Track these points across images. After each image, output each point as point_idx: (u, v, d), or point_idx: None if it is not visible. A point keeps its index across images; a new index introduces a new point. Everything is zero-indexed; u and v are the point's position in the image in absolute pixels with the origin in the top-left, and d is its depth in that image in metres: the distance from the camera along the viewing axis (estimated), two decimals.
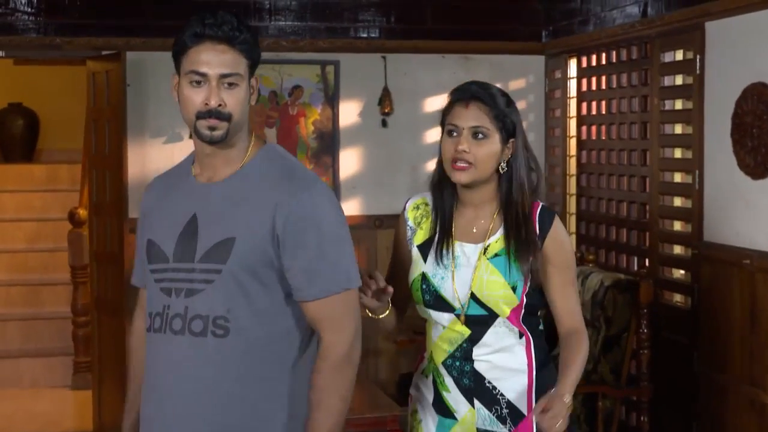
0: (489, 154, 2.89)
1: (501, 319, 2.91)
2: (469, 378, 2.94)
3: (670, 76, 5.67)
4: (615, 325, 5.27)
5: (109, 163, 6.45)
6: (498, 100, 2.92)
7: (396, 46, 6.95)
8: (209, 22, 2.56)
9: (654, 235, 5.78)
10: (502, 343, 2.92)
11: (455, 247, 2.94)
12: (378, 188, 7.00)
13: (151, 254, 2.67)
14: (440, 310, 2.93)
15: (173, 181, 2.75)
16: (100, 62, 6.56)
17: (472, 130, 2.89)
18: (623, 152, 6.15)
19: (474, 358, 2.92)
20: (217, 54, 2.55)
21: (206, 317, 2.56)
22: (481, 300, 2.88)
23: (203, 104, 2.56)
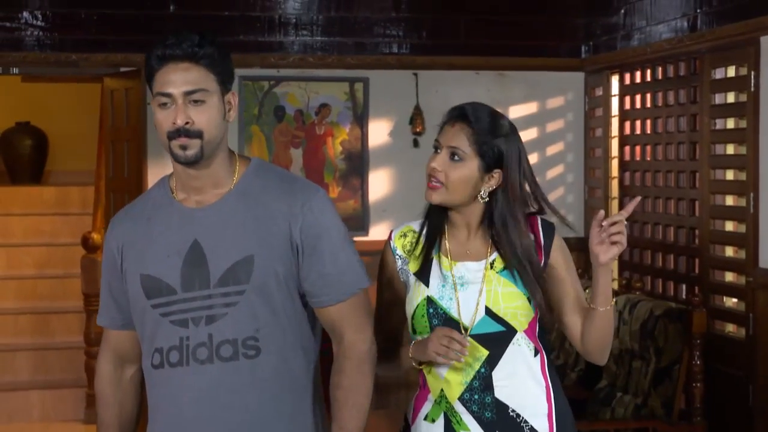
0: (462, 179, 2.85)
1: (519, 334, 2.87)
2: (491, 410, 2.86)
3: (722, 94, 5.64)
4: (666, 356, 5.22)
5: (128, 187, 6.44)
6: (485, 124, 2.86)
7: (428, 62, 6.94)
8: (170, 42, 2.64)
9: (704, 261, 5.74)
10: (522, 362, 2.88)
11: (457, 268, 2.91)
12: (409, 212, 6.72)
13: (150, 289, 2.67)
14: None
15: (149, 211, 2.73)
16: (118, 79, 6.56)
17: (449, 150, 2.86)
18: (670, 174, 6.12)
19: (495, 385, 2.86)
20: (179, 72, 2.61)
21: (234, 341, 2.62)
22: (498, 314, 2.85)
23: (171, 124, 2.61)
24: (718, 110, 5.65)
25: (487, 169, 2.87)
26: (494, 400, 2.86)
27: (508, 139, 2.89)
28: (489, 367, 2.86)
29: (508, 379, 2.88)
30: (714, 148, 5.68)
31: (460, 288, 2.89)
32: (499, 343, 2.87)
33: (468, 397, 2.86)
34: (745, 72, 5.39)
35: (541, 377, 2.92)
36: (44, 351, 8.18)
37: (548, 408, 2.91)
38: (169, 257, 2.66)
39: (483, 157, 2.85)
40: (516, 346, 2.89)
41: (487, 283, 2.88)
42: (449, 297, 2.89)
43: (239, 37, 6.69)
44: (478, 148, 2.85)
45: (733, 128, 5.59)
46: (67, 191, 9.39)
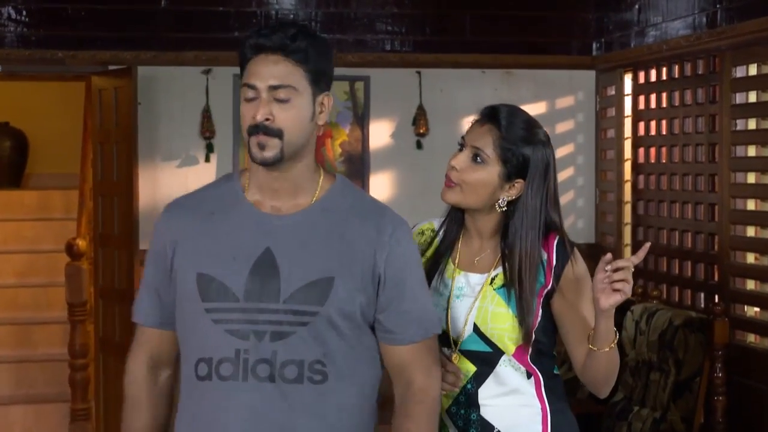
0: (479, 182, 2.84)
1: (506, 357, 2.83)
2: (476, 428, 2.85)
3: (743, 93, 5.62)
4: (686, 368, 5.21)
5: (117, 190, 6.41)
6: (516, 130, 2.83)
7: (432, 60, 6.93)
8: (264, 32, 2.56)
9: (724, 268, 5.72)
10: (510, 384, 2.84)
11: (459, 278, 2.89)
12: (412, 216, 6.69)
13: (208, 291, 2.55)
14: (441, 344, 2.83)
15: (213, 205, 2.63)
16: (107, 78, 6.52)
17: (473, 150, 2.85)
18: (687, 177, 6.11)
19: (480, 404, 2.83)
20: (268, 65, 2.54)
21: (301, 362, 2.54)
22: (485, 333, 2.82)
23: (251, 118, 2.54)
24: (739, 110, 5.63)
25: (509, 177, 2.84)
26: (479, 419, 2.85)
27: (537, 150, 2.85)
28: (475, 384, 2.85)
29: (494, 398, 2.85)
30: (735, 150, 5.66)
31: (455, 299, 2.87)
32: (485, 362, 2.85)
33: (455, 410, 2.86)
34: (767, 70, 5.38)
35: (535, 400, 2.87)
36: (26, 364, 8.13)
37: (542, 429, 2.86)
38: (235, 260, 2.56)
39: (506, 164, 2.82)
40: (503, 367, 2.85)
41: (482, 299, 2.85)
42: (442, 307, 2.87)
43: (234, 33, 6.67)
44: (503, 153, 2.82)
45: (755, 129, 5.57)
46: (49, 195, 9.34)
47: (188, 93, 6.68)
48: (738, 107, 5.65)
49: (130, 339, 6.20)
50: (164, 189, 6.61)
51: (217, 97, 6.69)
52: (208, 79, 6.67)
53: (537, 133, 2.86)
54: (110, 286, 6.51)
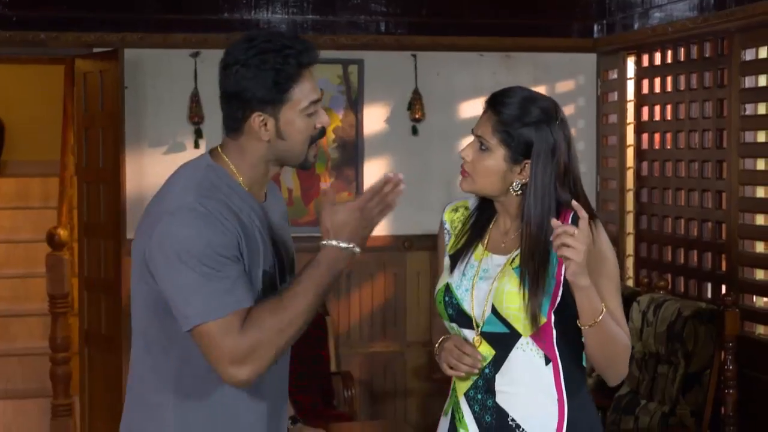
0: (487, 170, 2.89)
1: (524, 339, 2.87)
2: (491, 414, 2.90)
3: (752, 77, 5.62)
4: (696, 361, 5.21)
5: (103, 177, 6.35)
6: (512, 111, 2.85)
7: (428, 42, 6.89)
8: (309, 44, 2.73)
9: (732, 258, 5.72)
10: (527, 369, 2.88)
11: (486, 259, 2.95)
12: (407, 205, 6.89)
13: (269, 287, 2.69)
14: (464, 326, 2.93)
15: (235, 203, 2.69)
16: (92, 61, 6.46)
17: (478, 139, 2.91)
18: (693, 163, 6.10)
19: (497, 390, 2.88)
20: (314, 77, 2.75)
21: None
22: (501, 314, 2.87)
23: (316, 127, 2.73)
24: (749, 94, 5.63)
25: (515, 160, 2.87)
26: (495, 405, 2.90)
27: (540, 129, 2.85)
28: (493, 369, 2.90)
29: (509, 385, 2.89)
30: (743, 136, 5.66)
31: (479, 281, 2.92)
32: (503, 345, 2.89)
33: (472, 394, 2.92)
34: None
35: (552, 388, 2.90)
36: (5, 358, 8.08)
37: (558, 422, 2.89)
38: (266, 252, 2.71)
39: (508, 147, 2.86)
40: (521, 351, 2.89)
41: (500, 279, 2.90)
42: (465, 288, 2.94)
43: (224, 15, 6.62)
44: (502, 137, 2.86)
45: (765, 114, 5.56)
46: (27, 183, 9.29)
47: (176, 77, 6.62)
48: (747, 91, 5.64)
49: (117, 331, 6.17)
50: (151, 177, 6.54)
51: (206, 81, 6.61)
52: (197, 63, 6.60)
53: (532, 111, 2.86)
54: (96, 276, 6.46)
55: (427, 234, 6.94)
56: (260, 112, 2.66)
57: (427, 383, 6.88)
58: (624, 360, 2.87)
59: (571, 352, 2.90)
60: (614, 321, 2.83)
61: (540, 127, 2.85)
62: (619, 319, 2.87)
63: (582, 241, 2.69)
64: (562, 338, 2.88)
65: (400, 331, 7.00)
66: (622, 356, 2.85)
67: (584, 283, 2.73)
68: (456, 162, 6.95)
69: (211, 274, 2.54)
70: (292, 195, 6.79)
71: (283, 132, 2.68)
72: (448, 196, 6.90)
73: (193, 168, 2.72)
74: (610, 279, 2.87)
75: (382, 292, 6.96)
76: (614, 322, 2.82)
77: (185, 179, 2.67)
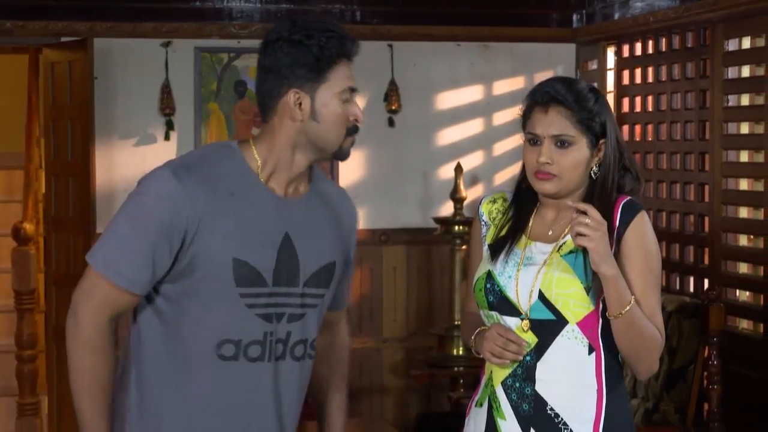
0: (575, 163, 2.95)
1: (571, 326, 2.92)
2: (529, 403, 2.95)
3: (736, 67, 5.65)
4: (681, 356, 5.22)
5: (72, 170, 6.33)
6: (583, 100, 2.94)
7: (404, 32, 6.89)
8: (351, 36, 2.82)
9: (715, 251, 5.76)
10: (570, 358, 2.92)
11: (530, 247, 3.00)
12: (383, 198, 6.95)
13: (243, 277, 2.71)
14: (506, 314, 2.97)
15: (230, 185, 2.73)
16: (60, 51, 6.44)
17: (553, 139, 2.94)
18: (675, 156, 6.14)
19: (537, 378, 2.94)
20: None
21: (305, 341, 2.84)
22: (549, 300, 2.91)
23: (351, 118, 2.77)
24: (732, 85, 5.66)
25: (594, 144, 2.95)
26: (534, 393, 2.94)
27: (602, 105, 2.97)
28: (535, 357, 2.94)
29: (551, 373, 2.94)
30: (726, 127, 5.69)
31: (524, 268, 2.97)
32: (548, 332, 2.93)
33: (510, 383, 2.97)
34: (762, 43, 5.41)
35: (593, 379, 2.93)
36: None
37: (596, 414, 2.93)
38: (261, 246, 2.73)
39: (591, 133, 2.94)
40: (566, 339, 2.93)
41: (548, 265, 2.94)
42: (509, 275, 2.98)
43: (195, 3, 6.59)
44: (583, 127, 2.93)
45: (749, 105, 5.59)
46: None
47: (147, 67, 6.59)
48: (730, 82, 5.67)
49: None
50: (121, 169, 6.53)
51: (177, 71, 6.61)
52: (168, 52, 6.59)
53: (590, 93, 2.97)
54: (64, 271, 6.43)
55: (405, 228, 6.96)
56: (297, 89, 2.71)
57: (404, 380, 6.89)
58: (653, 355, 2.92)
59: (613, 345, 2.93)
60: (647, 315, 2.87)
61: (603, 105, 2.97)
62: (652, 314, 2.91)
63: (596, 228, 2.76)
64: (606, 329, 2.91)
65: (377, 327, 7.00)
66: (651, 351, 2.91)
67: (609, 272, 2.80)
68: (433, 154, 7.05)
69: (130, 235, 2.66)
70: None
71: (317, 113, 2.72)
72: (425, 189, 6.94)
73: (210, 145, 2.90)
74: (649, 272, 2.92)
75: (358, 287, 6.95)
76: (643, 315, 2.86)
77: (192, 151, 2.88)
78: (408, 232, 6.97)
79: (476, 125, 7.05)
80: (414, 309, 7.04)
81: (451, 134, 7.02)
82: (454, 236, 6.41)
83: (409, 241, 6.99)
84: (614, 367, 2.95)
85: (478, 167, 7.02)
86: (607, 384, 2.93)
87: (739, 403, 5.47)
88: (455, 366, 6.29)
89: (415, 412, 6.86)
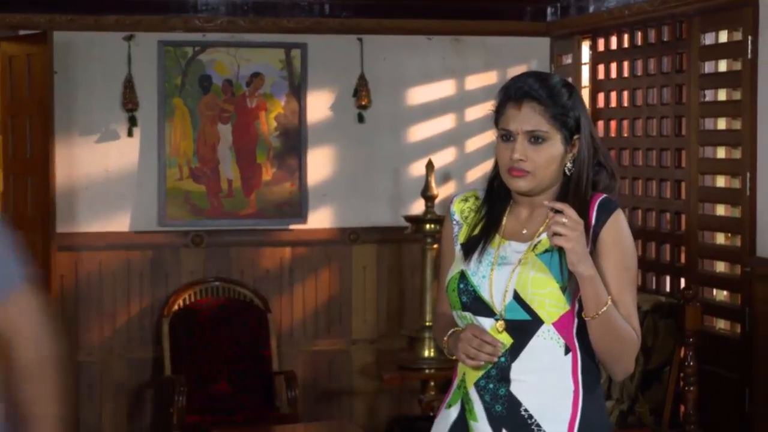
0: (549, 159, 2.95)
1: (546, 326, 2.92)
2: (502, 404, 2.96)
3: (712, 62, 5.68)
4: (656, 357, 5.24)
5: (32, 168, 6.31)
6: (556, 95, 2.94)
7: (374, 26, 6.90)
8: None
9: (692, 250, 5.79)
10: (546, 358, 2.93)
11: (504, 246, 3.01)
12: (353, 196, 6.95)
13: None
14: (480, 314, 2.97)
15: None
16: (18, 44, 6.41)
17: (527, 134, 2.94)
18: (651, 152, 6.17)
19: (512, 379, 2.94)
20: None
21: None
22: (525, 300, 2.92)
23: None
24: (708, 80, 5.68)
25: (569, 139, 2.95)
26: (508, 394, 2.95)
27: (576, 97, 2.99)
28: (510, 358, 2.94)
29: (527, 374, 2.94)
30: (703, 123, 5.71)
31: (497, 267, 2.98)
32: (523, 333, 2.94)
33: (483, 384, 2.97)
34: (740, 37, 5.43)
35: (569, 380, 2.94)
36: None
37: (572, 415, 2.94)
38: None
39: (565, 129, 2.94)
40: (542, 339, 2.93)
41: (523, 264, 2.94)
42: (483, 275, 2.99)
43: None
44: (558, 122, 2.93)
45: (726, 100, 5.63)
46: None
47: (109, 61, 6.58)
48: (707, 77, 5.70)
49: None
50: (82, 167, 6.53)
51: (140, 65, 6.60)
52: (131, 46, 6.58)
53: (565, 84, 2.99)
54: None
55: (375, 226, 6.96)
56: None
57: (375, 383, 6.88)
58: (630, 356, 2.93)
59: (590, 345, 2.94)
60: (624, 315, 2.89)
61: (577, 100, 2.98)
62: (629, 315, 2.92)
63: (574, 228, 2.77)
64: (582, 329, 2.92)
65: (346, 328, 7.00)
66: (628, 352, 2.92)
67: (586, 273, 2.81)
68: (404, 150, 7.06)
69: None
70: (232, 185, 6.78)
71: None
72: (396, 186, 6.93)
73: None
74: (625, 271, 2.93)
75: (327, 287, 6.96)
76: (620, 316, 2.87)
77: None
78: (378, 230, 6.97)
79: (448, 121, 7.06)
80: (384, 309, 7.05)
81: (422, 130, 7.03)
82: (425, 235, 6.41)
83: (379, 240, 6.99)
84: (591, 367, 2.96)
85: (450, 164, 7.03)
86: (584, 385, 2.94)
87: (715, 405, 5.50)
88: (427, 368, 6.28)
89: (385, 416, 6.88)
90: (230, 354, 6.59)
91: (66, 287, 6.55)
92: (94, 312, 6.67)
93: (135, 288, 6.72)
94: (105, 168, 6.61)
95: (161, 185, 6.69)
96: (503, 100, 2.99)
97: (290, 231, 6.91)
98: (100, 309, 6.68)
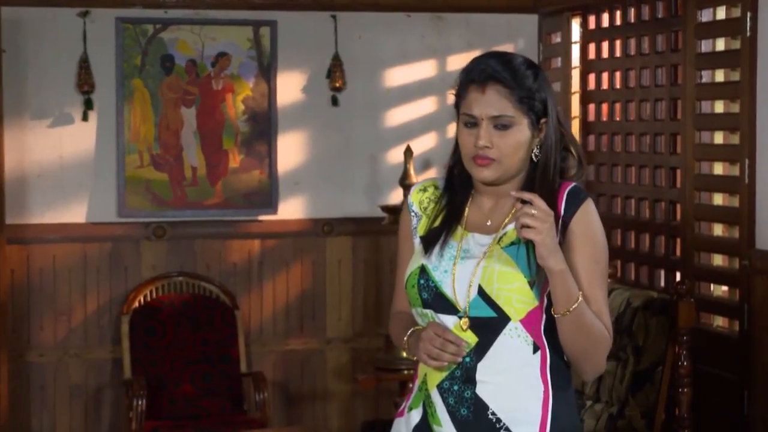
0: (516, 146, 2.95)
1: (514, 323, 2.92)
2: (468, 407, 2.95)
3: (710, 40, 5.65)
4: (647, 356, 5.20)
5: None
6: (521, 77, 2.94)
7: (349, 2, 6.88)
8: None
9: (688, 241, 5.76)
10: (513, 358, 2.93)
11: (467, 239, 3.01)
12: (327, 184, 6.93)
13: None
14: (442, 311, 2.97)
15: None
16: None
17: (492, 120, 2.93)
18: (645, 137, 6.13)
19: (477, 380, 2.94)
20: None
21: None
22: (490, 296, 2.92)
23: None
24: (705, 60, 5.65)
25: (535, 124, 2.96)
26: (473, 396, 2.94)
27: (542, 79, 2.98)
28: (475, 358, 2.95)
29: (493, 375, 2.95)
30: (700, 106, 5.69)
31: (461, 261, 2.97)
32: (489, 330, 2.94)
33: (447, 386, 2.97)
34: (738, 14, 5.39)
35: (538, 379, 2.94)
36: None
37: (542, 417, 2.94)
38: None
39: (532, 113, 2.94)
40: (508, 337, 2.93)
41: (488, 258, 2.94)
42: (445, 269, 2.99)
43: None
44: (525, 106, 2.92)
45: (724, 81, 5.59)
46: None
47: (62, 39, 6.55)
48: (703, 56, 5.67)
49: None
50: (35, 153, 6.51)
51: (96, 44, 6.57)
52: (86, 23, 6.54)
53: (528, 69, 2.95)
54: None
55: (350, 217, 6.94)
56: None
57: (350, 384, 6.89)
58: (601, 355, 2.94)
59: (559, 343, 2.94)
60: (594, 311, 2.89)
61: (543, 82, 2.96)
62: (600, 311, 2.93)
63: (543, 220, 2.76)
64: (551, 326, 2.92)
65: (320, 327, 6.98)
66: (599, 351, 2.93)
67: (556, 267, 2.80)
68: (381, 135, 7.04)
69: None
70: (197, 173, 6.72)
71: None
72: (372, 174, 6.92)
73: None
74: (596, 263, 2.94)
75: (299, 282, 6.93)
76: (591, 313, 2.88)
77: None
78: (353, 221, 6.95)
79: (428, 104, 7.05)
80: (360, 306, 7.04)
81: (400, 114, 7.02)
82: None
83: (355, 231, 6.97)
84: (560, 366, 2.97)
85: (430, 150, 7.02)
86: (554, 384, 2.94)
87: (711, 408, 5.48)
88: (404, 369, 6.25)
89: (361, 420, 6.88)
90: (195, 354, 6.57)
91: (17, 282, 6.51)
92: (47, 309, 6.62)
93: (92, 283, 6.68)
94: (59, 155, 6.58)
95: (120, 173, 6.65)
96: (465, 82, 2.99)
97: (259, 222, 6.88)
98: (53, 306, 6.63)
